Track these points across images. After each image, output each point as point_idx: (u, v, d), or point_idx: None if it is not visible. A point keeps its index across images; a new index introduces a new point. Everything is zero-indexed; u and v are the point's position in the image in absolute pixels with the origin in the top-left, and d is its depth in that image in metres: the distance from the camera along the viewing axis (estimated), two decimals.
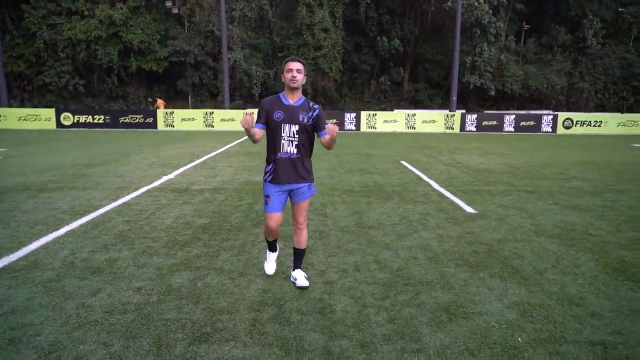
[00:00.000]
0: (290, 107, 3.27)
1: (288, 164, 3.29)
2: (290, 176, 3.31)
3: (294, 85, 3.21)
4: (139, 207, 6.00)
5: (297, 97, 3.30)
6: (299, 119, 3.24)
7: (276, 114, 3.24)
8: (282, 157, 3.28)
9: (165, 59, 26.57)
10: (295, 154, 3.28)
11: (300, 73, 3.22)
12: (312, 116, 3.29)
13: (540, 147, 15.11)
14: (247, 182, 7.97)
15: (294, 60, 3.23)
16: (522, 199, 6.83)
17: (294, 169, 3.30)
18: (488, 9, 25.25)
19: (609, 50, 29.42)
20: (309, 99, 3.43)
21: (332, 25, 26.52)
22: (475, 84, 26.64)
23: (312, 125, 3.30)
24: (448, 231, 5.06)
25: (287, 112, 3.25)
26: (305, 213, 3.46)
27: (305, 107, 3.30)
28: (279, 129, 3.26)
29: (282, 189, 3.35)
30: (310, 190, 3.42)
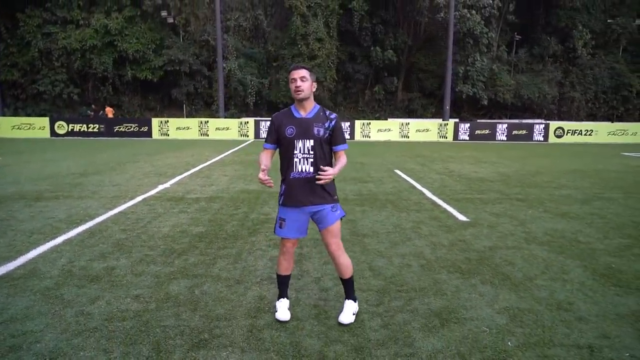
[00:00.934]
0: (303, 120, 2.91)
1: (303, 184, 2.89)
2: (307, 197, 2.91)
3: (299, 96, 2.86)
4: (136, 215, 6.05)
5: (309, 108, 2.93)
6: (314, 132, 2.87)
7: (287, 129, 2.89)
8: (296, 177, 2.90)
9: (160, 68, 26.69)
10: (311, 173, 2.88)
11: (305, 81, 2.86)
12: (329, 127, 2.91)
13: (532, 156, 15.31)
14: (243, 190, 8.04)
15: (296, 67, 2.88)
16: (514, 207, 6.94)
17: (311, 190, 2.90)
18: (480, 20, 25.64)
19: (599, 60, 29.91)
20: (323, 107, 3.03)
21: (327, 35, 26.80)
22: (468, 93, 26.95)
23: (329, 138, 2.91)
24: (441, 239, 5.16)
25: (299, 127, 2.89)
26: (335, 240, 2.99)
27: (320, 117, 2.92)
28: (291, 146, 2.89)
29: (301, 211, 2.97)
30: (335, 212, 2.97)
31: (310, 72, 2.92)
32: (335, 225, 2.98)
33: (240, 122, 22.42)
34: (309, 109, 2.94)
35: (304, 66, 2.93)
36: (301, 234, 3.03)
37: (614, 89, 29.56)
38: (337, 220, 2.98)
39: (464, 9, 25.11)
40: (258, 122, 22.30)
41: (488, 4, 25.61)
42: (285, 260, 3.12)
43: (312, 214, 2.97)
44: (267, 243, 4.90)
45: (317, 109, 2.97)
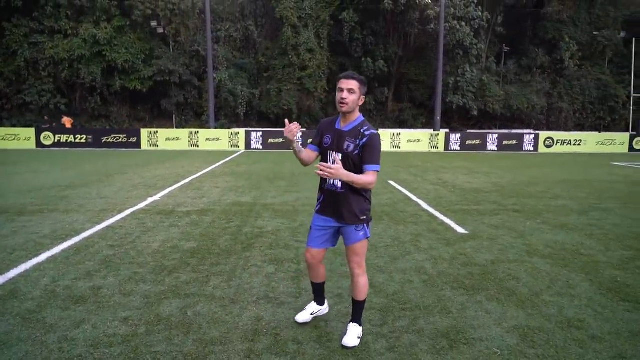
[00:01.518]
0: (339, 131, 2.83)
1: (333, 197, 2.87)
2: (333, 212, 2.89)
3: (342, 109, 2.76)
4: (124, 230, 5.82)
5: (350, 120, 2.83)
6: (344, 147, 2.78)
7: (325, 138, 2.89)
8: (329, 189, 2.88)
9: (150, 79, 26.44)
10: (339, 188, 2.82)
11: (353, 94, 2.73)
12: (360, 144, 2.74)
13: (524, 166, 15.33)
14: (235, 203, 7.84)
15: (347, 77, 2.75)
16: (511, 219, 6.84)
17: (337, 206, 2.86)
18: (469, 32, 25.89)
19: (586, 71, 30.35)
20: (365, 121, 2.84)
21: (318, 46, 26.84)
22: (458, 103, 27.12)
23: (359, 155, 2.76)
24: (441, 252, 5.01)
25: (335, 137, 2.84)
26: (356, 259, 2.91)
27: (354, 132, 2.78)
28: (326, 156, 2.90)
29: (327, 224, 2.94)
30: (359, 233, 2.87)
31: (360, 85, 2.77)
32: (357, 245, 2.90)
33: (231, 132, 22.23)
34: (350, 122, 2.83)
35: (356, 76, 2.77)
36: (323, 245, 3.00)
37: (600, 99, 29.97)
38: (359, 241, 2.89)
39: (453, 20, 25.35)
40: (249, 133, 22.13)
41: (477, 16, 25.89)
42: (311, 270, 3.14)
43: (339, 228, 2.94)
44: (262, 259, 4.71)
45: (357, 123, 2.82)
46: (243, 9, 29.60)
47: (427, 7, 24.65)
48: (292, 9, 26.19)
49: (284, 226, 6.17)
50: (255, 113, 28.64)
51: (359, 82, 2.76)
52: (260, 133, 22.18)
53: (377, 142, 2.75)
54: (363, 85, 2.79)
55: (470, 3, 25.74)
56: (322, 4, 27.13)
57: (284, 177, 11.51)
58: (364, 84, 2.80)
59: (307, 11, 26.47)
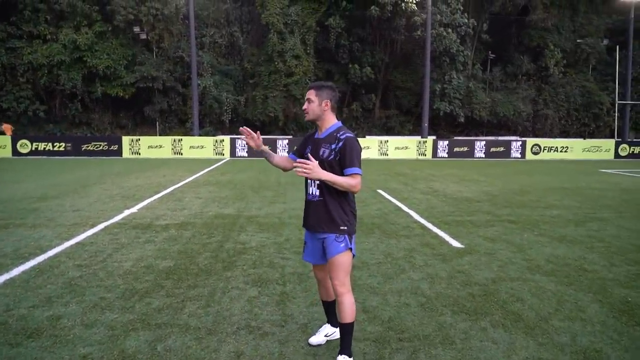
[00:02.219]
0: (316, 140, 2.82)
1: (312, 207, 2.80)
2: (313, 224, 2.79)
3: (306, 119, 2.86)
4: (95, 247, 5.37)
5: (324, 128, 2.80)
6: (319, 153, 2.73)
7: (307, 149, 2.86)
8: (308, 199, 2.84)
9: (132, 85, 25.85)
10: (317, 196, 2.75)
11: (311, 102, 2.74)
12: (336, 148, 2.67)
13: (513, 173, 15.17)
14: (217, 215, 7.42)
15: (308, 88, 2.82)
16: (507, 231, 6.55)
17: (317, 214, 2.76)
18: (456, 39, 25.90)
19: (570, 79, 30.62)
20: (343, 127, 2.80)
21: (304, 53, 26.57)
22: (445, 110, 27.06)
23: (337, 160, 2.67)
24: (437, 270, 4.67)
25: (313, 146, 2.81)
26: (337, 274, 2.69)
27: (330, 138, 2.74)
28: None
29: (313, 236, 2.85)
30: (339, 244, 2.68)
31: (316, 91, 2.77)
32: (336, 258, 2.70)
33: (216, 140, 21.75)
34: (325, 129, 2.80)
35: (313, 85, 2.81)
36: (317, 260, 2.88)
37: (585, 106, 30.23)
38: (338, 253, 2.70)
39: (440, 27, 25.33)
40: (234, 140, 21.68)
41: (464, 22, 25.92)
42: (320, 287, 3.06)
43: (322, 241, 2.78)
44: (244, 279, 4.31)
45: (333, 129, 2.78)
46: (228, 15, 29.24)
47: (414, 13, 24.60)
48: (278, 15, 25.92)
49: (268, 241, 5.78)
50: (240, 120, 28.19)
51: (315, 89, 2.77)
52: (245, 141, 21.70)
53: (354, 145, 2.68)
54: (321, 90, 2.76)
55: (456, 10, 25.78)
56: (308, 10, 26.92)
57: (269, 186, 11.12)
58: (322, 88, 2.77)
59: (293, 17, 26.22)
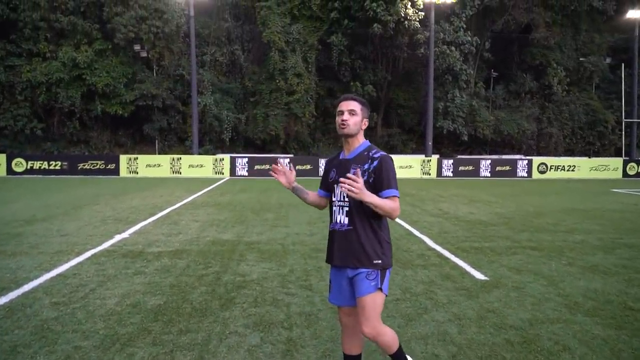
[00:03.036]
0: (343, 161, 2.52)
1: (339, 238, 2.45)
2: (341, 255, 2.44)
3: (342, 130, 2.46)
4: (78, 280, 4.81)
5: (353, 147, 2.51)
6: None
7: (331, 173, 2.57)
8: (334, 228, 2.50)
9: (132, 103, 25.49)
10: (346, 225, 2.42)
11: (354, 115, 2.45)
12: (370, 168, 2.38)
13: (523, 193, 14.63)
14: (215, 241, 6.87)
15: (346, 99, 2.49)
16: (531, 259, 5.99)
17: (346, 246, 2.42)
18: (459, 56, 25.68)
19: (574, 97, 30.31)
20: (373, 146, 2.53)
21: (305, 71, 26.32)
22: (448, 128, 26.68)
23: (371, 183, 2.35)
24: (464, 308, 4.11)
25: (339, 169, 2.50)
26: (364, 317, 2.37)
27: (361, 158, 2.45)
28: (332, 192, 2.54)
29: (340, 273, 2.49)
30: (369, 283, 2.37)
31: (362, 106, 2.50)
32: (366, 299, 2.36)
33: (215, 158, 21.30)
34: (354, 148, 2.51)
35: (356, 98, 2.51)
36: (345, 301, 2.49)
37: (589, 124, 29.86)
38: (369, 293, 2.36)
39: (443, 45, 25.13)
40: (234, 159, 21.22)
41: (467, 40, 25.73)
42: (345, 336, 2.60)
43: (351, 278, 2.43)
44: (244, 321, 3.75)
45: (362, 149, 2.50)
46: (229, 33, 29.11)
47: (416, 31, 24.40)
48: (279, 33, 25.74)
49: (271, 272, 5.23)
50: (241, 138, 27.81)
51: (361, 104, 2.50)
52: (245, 159, 21.30)
53: (390, 164, 2.41)
54: (365, 107, 2.52)
55: (459, 28, 25.62)
56: (310, 28, 26.77)
57: (271, 208, 10.58)
58: (366, 106, 2.54)
59: (294, 35, 26.05)
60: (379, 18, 23.56)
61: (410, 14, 23.78)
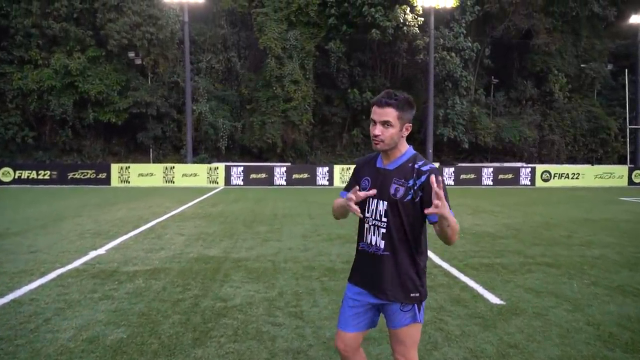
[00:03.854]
0: (382, 171, 2.12)
1: (371, 262, 2.11)
2: (371, 284, 2.10)
3: (377, 147, 2.07)
4: (33, 307, 4.17)
5: (394, 156, 2.11)
6: (390, 191, 2.06)
7: (363, 181, 2.16)
8: (364, 249, 2.15)
9: (125, 111, 24.94)
10: (381, 249, 2.07)
11: (389, 127, 2.02)
12: (417, 185, 2.02)
13: (528, 203, 14.03)
14: (199, 257, 6.24)
15: (380, 104, 2.02)
16: (550, 278, 5.37)
17: (379, 274, 2.07)
18: (459, 62, 25.22)
19: (575, 104, 29.84)
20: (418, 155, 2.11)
21: (303, 78, 25.83)
22: (449, 136, 26.13)
23: (417, 202, 2.01)
24: (480, 342, 3.48)
25: (376, 179, 2.12)
26: (401, 349, 2.10)
27: (404, 170, 2.06)
28: (364, 206, 2.13)
29: (364, 298, 2.13)
30: (405, 313, 2.06)
31: (399, 112, 2.02)
32: (403, 331, 2.09)
33: (210, 167, 20.69)
34: (395, 157, 2.11)
35: (391, 102, 2.01)
36: (358, 327, 2.15)
37: (592, 131, 29.37)
38: (405, 326, 2.08)
39: (443, 51, 24.66)
40: (229, 168, 20.61)
41: (467, 46, 25.28)
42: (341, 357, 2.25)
43: (380, 305, 2.14)
44: None
45: (406, 158, 2.09)
46: (225, 40, 28.66)
47: (416, 37, 23.93)
48: (276, 40, 25.28)
49: (257, 296, 4.60)
50: (237, 147, 27.24)
51: (398, 110, 2.02)
52: (241, 168, 20.68)
53: (443, 181, 1.93)
54: (404, 111, 2.03)
55: (459, 34, 25.17)
56: (307, 35, 26.33)
57: (264, 219, 9.95)
58: (407, 108, 2.04)
59: (291, 42, 25.59)
60: (378, 24, 23.12)
61: (409, 19, 23.33)
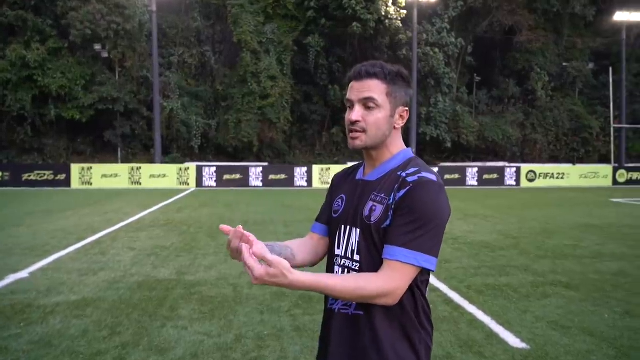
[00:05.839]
0: (361, 184, 1.35)
1: (341, 326, 1.28)
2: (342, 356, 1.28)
3: (355, 144, 1.30)
4: None
5: (381, 159, 1.34)
6: (363, 211, 1.28)
7: (336, 202, 1.40)
8: (332, 307, 1.32)
9: (91, 107, 23.33)
10: (353, 308, 1.26)
11: (376, 108, 1.27)
12: (393, 202, 1.23)
13: (519, 205, 13.22)
14: (144, 282, 5.07)
15: (361, 74, 1.29)
16: (572, 306, 4.41)
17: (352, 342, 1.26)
18: (443, 59, 24.46)
19: (557, 102, 29.50)
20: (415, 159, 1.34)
21: (280, 73, 24.65)
22: (431, 135, 25.38)
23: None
24: None
25: (352, 197, 1.35)
26: None
27: (389, 181, 1.28)
28: (336, 234, 1.36)
29: None
30: None
31: (390, 88, 1.28)
32: None
33: (180, 168, 19.34)
34: (381, 162, 1.33)
35: (377, 71, 1.27)
36: None
37: (574, 130, 29.08)
38: None
39: (426, 46, 23.84)
40: (200, 168, 19.32)
41: (451, 42, 24.53)
42: None
43: None
44: None
45: (396, 164, 1.31)
46: (199, 34, 27.25)
47: (398, 31, 23.04)
48: (252, 33, 24.03)
49: (208, 342, 3.48)
50: (211, 146, 25.90)
51: (386, 82, 1.28)
52: (213, 168, 19.41)
53: (429, 197, 1.20)
54: (396, 86, 1.28)
55: (442, 29, 24.39)
56: (284, 29, 25.16)
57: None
58: (398, 80, 1.29)
59: (268, 36, 24.39)
60: (359, 17, 22.12)
61: (391, 12, 22.41)
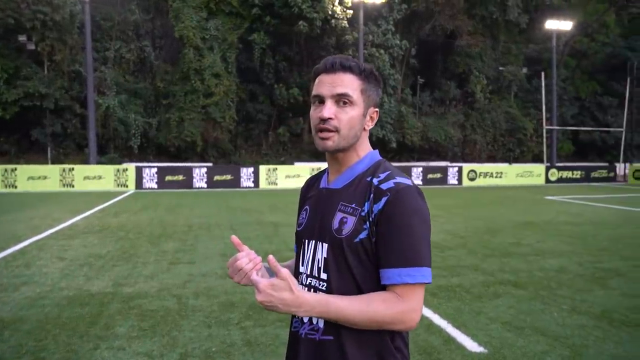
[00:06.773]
0: (325, 192, 1.18)
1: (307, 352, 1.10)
2: None
3: (326, 145, 1.12)
4: None
5: (348, 164, 1.16)
6: (331, 224, 1.11)
7: (301, 214, 1.26)
8: (298, 331, 1.14)
9: (15, 103, 21.50)
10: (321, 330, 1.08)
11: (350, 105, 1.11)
12: (372, 215, 1.05)
13: (463, 205, 13.62)
14: (75, 297, 4.56)
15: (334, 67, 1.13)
16: (522, 304, 4.46)
17: None
18: (388, 60, 24.85)
19: (495, 104, 30.98)
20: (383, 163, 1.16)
21: (225, 71, 23.99)
22: (377, 135, 25.72)
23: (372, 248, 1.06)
24: None
25: (317, 207, 1.19)
26: None
27: (358, 189, 1.10)
28: (299, 253, 1.21)
29: None
30: None
31: (364, 85, 1.15)
32: None
33: (117, 169, 18.24)
34: (348, 167, 1.18)
35: (352, 65, 1.14)
36: None
37: (510, 131, 30.65)
38: None
39: (372, 47, 24.12)
40: (140, 169, 18.32)
41: (396, 44, 24.98)
42: None
43: None
44: None
45: (362, 168, 1.16)
46: (138, 28, 25.95)
47: (345, 32, 23.14)
48: (195, 29, 23.19)
49: None
50: (152, 146, 24.73)
51: (360, 79, 1.14)
52: (154, 169, 18.48)
53: (413, 208, 1.06)
54: (370, 84, 1.16)
55: (387, 31, 24.79)
56: (229, 25, 24.51)
57: (175, 233, 8.30)
58: (371, 78, 1.16)
59: (212, 32, 23.64)
60: (305, 15, 21.97)
61: (337, 12, 22.44)
